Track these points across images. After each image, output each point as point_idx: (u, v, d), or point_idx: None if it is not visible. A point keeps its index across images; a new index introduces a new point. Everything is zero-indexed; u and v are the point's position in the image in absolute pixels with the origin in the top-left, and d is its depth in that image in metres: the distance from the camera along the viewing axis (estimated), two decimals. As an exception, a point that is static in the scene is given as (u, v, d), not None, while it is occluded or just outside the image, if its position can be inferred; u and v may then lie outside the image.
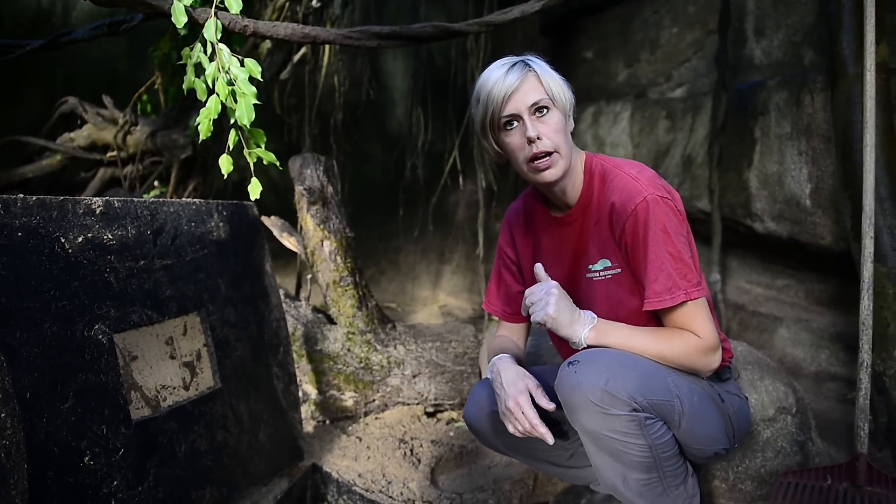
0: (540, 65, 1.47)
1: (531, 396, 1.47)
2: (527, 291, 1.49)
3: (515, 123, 1.46)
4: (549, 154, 1.45)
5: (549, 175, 1.46)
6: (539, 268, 1.52)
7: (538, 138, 1.43)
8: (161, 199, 1.73)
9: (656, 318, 1.49)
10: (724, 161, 3.29)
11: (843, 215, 2.55)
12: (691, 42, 3.99)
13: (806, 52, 3.32)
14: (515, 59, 1.48)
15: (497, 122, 1.47)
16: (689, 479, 1.48)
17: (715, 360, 1.44)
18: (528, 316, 1.49)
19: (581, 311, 1.47)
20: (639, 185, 1.44)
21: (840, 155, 2.46)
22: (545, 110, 1.45)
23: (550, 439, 1.44)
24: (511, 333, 1.77)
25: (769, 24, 3.49)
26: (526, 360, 1.69)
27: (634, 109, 4.00)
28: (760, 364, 2.03)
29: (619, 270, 1.50)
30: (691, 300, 1.40)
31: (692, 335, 1.42)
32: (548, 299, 1.44)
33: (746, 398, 1.64)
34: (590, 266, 1.53)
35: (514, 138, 1.47)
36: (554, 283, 1.48)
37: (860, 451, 1.89)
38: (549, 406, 1.46)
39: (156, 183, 3.48)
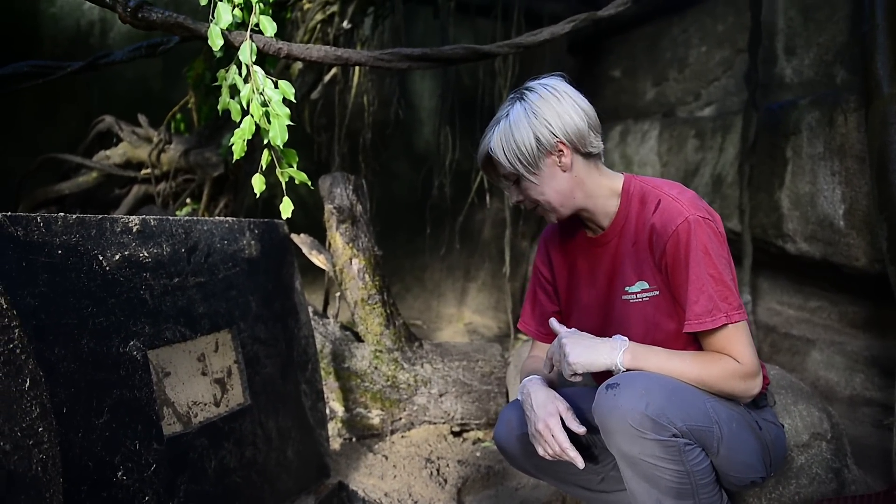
0: (502, 132, 1.48)
1: (562, 419, 1.46)
2: (547, 352, 1.51)
3: (503, 181, 1.56)
4: (537, 207, 1.54)
5: (550, 220, 1.57)
6: (553, 322, 1.54)
7: (518, 202, 1.55)
8: (195, 218, 1.75)
9: (694, 342, 1.47)
10: (755, 181, 3.26)
11: (878, 237, 2.51)
12: (720, 61, 3.97)
13: (838, 71, 3.28)
14: (499, 113, 1.52)
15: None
16: (723, 507, 1.46)
17: (754, 387, 1.41)
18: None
19: (606, 339, 1.45)
20: (680, 205, 1.43)
21: (875, 176, 2.43)
22: (516, 180, 1.52)
23: (581, 463, 1.43)
24: (544, 354, 1.76)
25: (800, 42, 3.47)
26: (558, 382, 1.68)
27: (663, 128, 3.98)
28: (794, 388, 1.99)
29: (657, 293, 1.48)
30: (732, 323, 1.38)
31: (731, 359, 1.39)
32: (562, 351, 1.44)
33: (783, 426, 1.61)
34: (626, 288, 1.52)
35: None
36: (562, 333, 1.48)
37: (898, 479, 1.84)
38: (580, 430, 1.45)
39: (188, 200, 3.54)
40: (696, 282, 1.39)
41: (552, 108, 1.46)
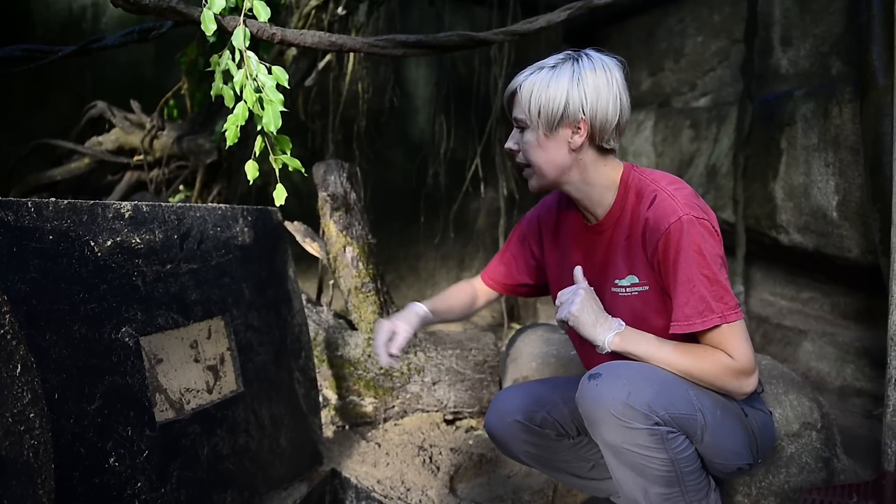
0: (540, 79, 1.44)
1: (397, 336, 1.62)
2: (559, 293, 1.50)
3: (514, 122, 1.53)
4: (525, 166, 1.52)
5: (530, 184, 1.54)
6: (578, 270, 1.53)
7: (511, 150, 1.52)
8: (188, 204, 1.75)
9: (683, 339, 1.46)
10: (750, 172, 3.26)
11: (871, 228, 2.52)
12: (716, 51, 3.97)
13: (834, 62, 3.28)
14: (547, 62, 1.47)
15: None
16: (711, 494, 1.47)
17: (748, 385, 1.39)
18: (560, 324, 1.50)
19: (610, 316, 1.46)
20: (675, 203, 1.40)
21: (869, 167, 2.44)
22: (523, 127, 1.48)
23: (384, 361, 1.60)
24: (473, 288, 1.86)
25: (796, 33, 3.47)
26: (459, 316, 1.85)
27: (658, 118, 3.98)
28: (785, 378, 2.00)
29: (647, 288, 1.47)
30: (727, 323, 1.36)
31: (724, 354, 1.37)
32: (574, 298, 1.45)
33: (771, 413, 1.62)
34: (616, 281, 1.51)
35: None
36: (585, 285, 1.48)
37: (887, 468, 1.86)
38: (395, 351, 1.60)
39: (181, 187, 3.52)
40: (686, 283, 1.37)
41: (597, 87, 1.42)
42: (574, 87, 1.41)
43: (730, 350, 1.37)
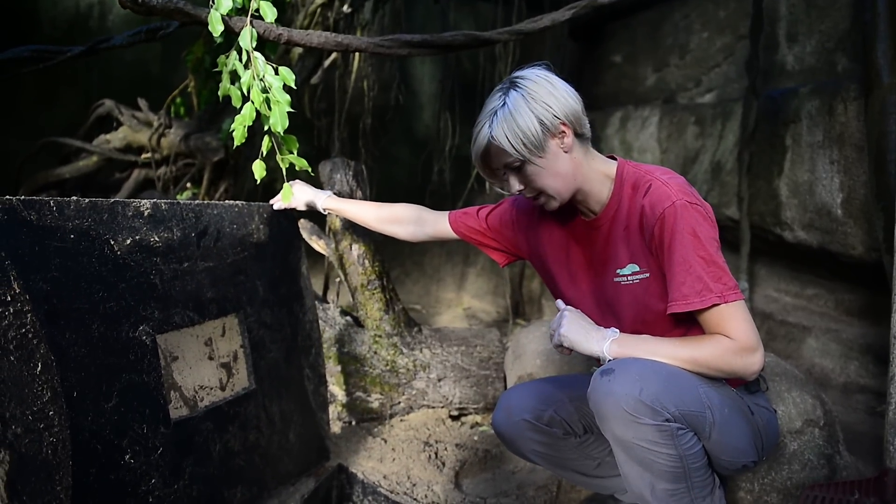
0: (502, 119, 1.46)
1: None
2: (550, 324, 1.54)
3: (502, 172, 1.53)
4: (539, 195, 1.53)
5: (549, 209, 1.56)
6: (559, 302, 1.58)
7: (520, 191, 1.53)
8: (206, 202, 1.76)
9: (684, 323, 1.48)
10: (754, 168, 3.27)
11: (875, 226, 2.53)
12: (722, 47, 3.97)
13: (839, 58, 3.29)
14: (492, 104, 1.49)
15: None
16: (716, 491, 1.49)
17: (755, 362, 1.39)
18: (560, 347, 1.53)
19: (601, 328, 1.48)
20: (668, 189, 1.44)
21: (873, 165, 2.45)
22: (519, 167, 1.49)
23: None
24: (427, 219, 2.07)
25: (802, 29, 3.47)
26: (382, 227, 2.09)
27: (663, 114, 3.99)
28: (788, 375, 2.02)
29: (648, 275, 1.50)
30: (725, 303, 1.38)
31: (723, 337, 1.39)
32: (560, 321, 1.49)
33: (775, 411, 1.64)
34: (618, 270, 1.54)
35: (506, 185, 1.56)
36: (569, 307, 1.52)
37: (889, 465, 1.88)
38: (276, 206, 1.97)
39: (188, 184, 3.55)
40: (682, 263, 1.40)
41: (549, 92, 1.46)
42: (534, 105, 1.45)
43: (729, 330, 1.39)
